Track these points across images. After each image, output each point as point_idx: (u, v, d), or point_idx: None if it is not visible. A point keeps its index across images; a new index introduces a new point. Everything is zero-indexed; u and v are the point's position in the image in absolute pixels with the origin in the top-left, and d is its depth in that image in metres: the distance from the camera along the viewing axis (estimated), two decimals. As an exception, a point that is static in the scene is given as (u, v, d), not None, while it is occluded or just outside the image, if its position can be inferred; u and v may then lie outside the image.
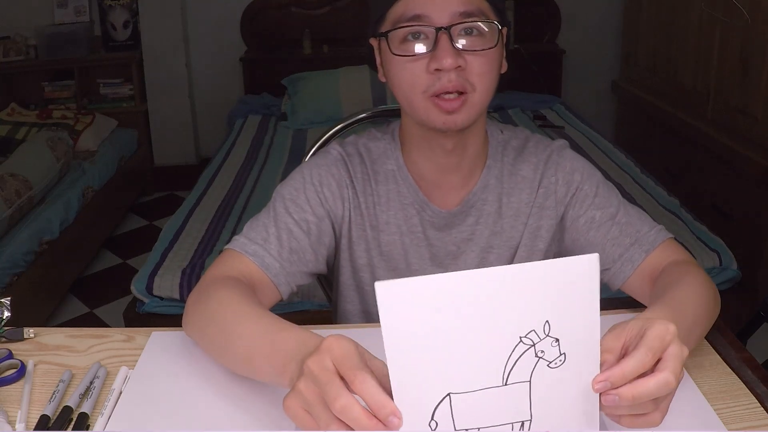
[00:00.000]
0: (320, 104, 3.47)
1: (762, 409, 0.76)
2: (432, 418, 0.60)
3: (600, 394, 0.61)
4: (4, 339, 0.88)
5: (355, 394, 0.58)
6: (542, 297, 0.59)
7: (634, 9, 3.62)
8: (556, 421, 0.62)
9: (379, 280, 1.03)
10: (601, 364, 0.62)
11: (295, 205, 0.99)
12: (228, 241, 1.02)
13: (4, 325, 0.88)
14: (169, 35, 3.77)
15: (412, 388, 0.59)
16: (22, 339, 0.89)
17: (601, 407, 0.62)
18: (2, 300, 0.89)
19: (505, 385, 0.60)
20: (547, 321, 0.59)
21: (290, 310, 1.96)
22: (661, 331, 0.63)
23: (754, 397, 0.77)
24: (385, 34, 0.91)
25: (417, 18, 0.88)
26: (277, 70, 3.77)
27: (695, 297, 0.84)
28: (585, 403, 0.62)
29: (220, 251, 1.01)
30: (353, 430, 0.57)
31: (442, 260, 1.04)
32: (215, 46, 3.92)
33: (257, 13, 3.91)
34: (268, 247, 0.96)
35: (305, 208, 0.99)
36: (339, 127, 1.31)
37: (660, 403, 0.62)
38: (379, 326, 0.56)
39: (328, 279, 1.24)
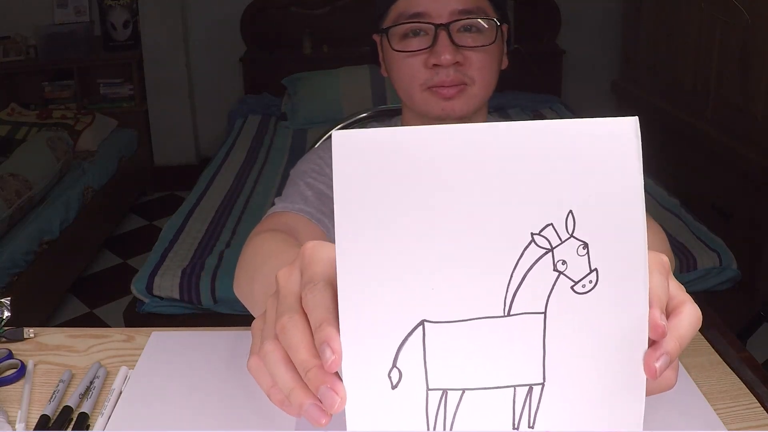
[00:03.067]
0: (320, 104, 3.47)
1: (762, 409, 0.75)
2: (394, 365, 0.40)
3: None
4: (4, 339, 0.88)
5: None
6: (564, 174, 0.40)
7: (634, 9, 3.62)
8: (583, 388, 0.41)
9: None
10: None
11: (321, 175, 0.97)
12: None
13: (4, 325, 0.88)
14: (169, 35, 3.77)
15: (369, 307, 0.40)
16: (22, 339, 0.89)
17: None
18: (2, 300, 0.89)
19: (508, 315, 0.40)
20: (570, 212, 0.40)
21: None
22: (658, 260, 0.47)
23: (754, 397, 0.77)
24: (386, 30, 0.93)
25: (417, 15, 0.90)
26: (277, 70, 3.76)
27: (659, 242, 0.84)
28: (628, 357, 0.41)
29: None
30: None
31: None
32: (215, 46, 3.92)
33: (257, 13, 3.91)
34: (311, 205, 0.92)
35: (332, 178, 0.97)
36: (339, 127, 1.31)
37: None
38: None
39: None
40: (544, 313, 0.41)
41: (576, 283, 0.40)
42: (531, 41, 3.79)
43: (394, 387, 0.40)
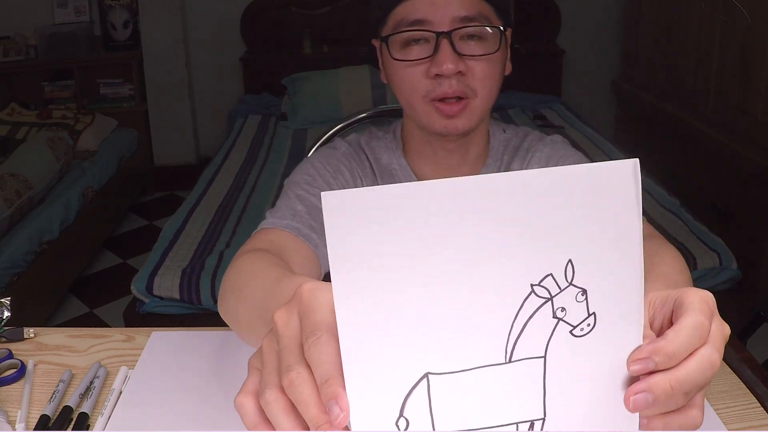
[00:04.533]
0: (320, 104, 3.47)
1: (762, 409, 0.75)
2: (401, 414, 0.41)
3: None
4: (4, 339, 0.88)
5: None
6: (563, 222, 0.40)
7: (634, 9, 3.62)
8: (581, 422, 0.43)
9: None
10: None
11: (314, 187, 0.95)
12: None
13: (4, 325, 0.88)
14: (169, 35, 3.77)
15: (372, 364, 0.40)
16: (22, 339, 0.89)
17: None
18: (2, 300, 0.89)
19: (509, 362, 0.41)
20: (569, 261, 0.40)
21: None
22: (703, 296, 0.47)
23: (754, 397, 0.77)
24: (386, 38, 0.90)
25: (418, 23, 0.87)
26: (277, 70, 3.77)
27: (682, 272, 0.81)
28: (623, 392, 0.43)
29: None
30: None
31: None
32: (215, 46, 3.92)
33: (257, 13, 3.91)
34: (300, 221, 0.90)
35: (325, 189, 0.94)
36: (339, 127, 1.31)
37: (693, 395, 0.45)
38: None
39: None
40: (544, 356, 0.42)
41: (575, 327, 0.42)
42: (531, 41, 3.79)
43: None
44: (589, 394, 0.43)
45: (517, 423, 0.43)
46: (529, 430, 0.43)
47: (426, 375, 0.41)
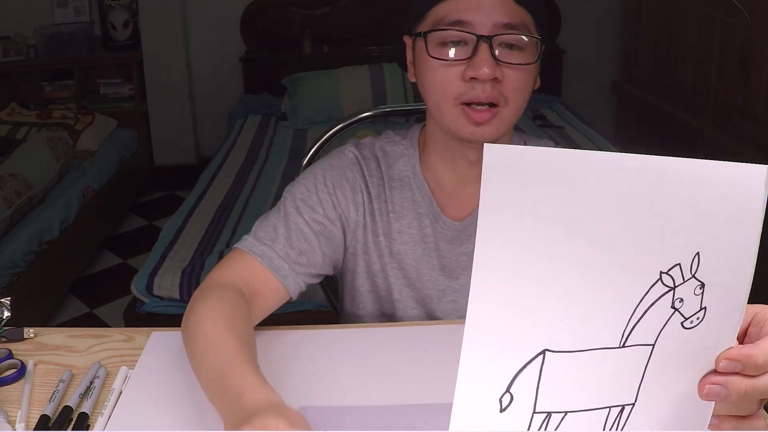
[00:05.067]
0: (320, 104, 3.47)
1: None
2: (507, 390, 0.42)
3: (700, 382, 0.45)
4: (4, 339, 0.88)
5: None
6: (695, 214, 0.41)
7: (634, 9, 3.62)
8: (663, 412, 0.45)
9: (393, 286, 1.01)
10: None
11: (306, 205, 0.97)
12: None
13: (4, 325, 0.88)
14: (169, 35, 3.77)
15: (494, 331, 0.41)
16: (22, 339, 0.89)
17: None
18: (2, 300, 0.89)
19: (623, 347, 0.42)
20: (697, 254, 0.41)
21: (291, 309, 1.96)
22: None
23: (754, 397, 0.77)
24: (425, 35, 0.89)
25: (459, 23, 0.86)
26: (277, 70, 3.76)
27: None
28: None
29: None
30: None
31: (453, 271, 1.01)
32: (215, 46, 3.92)
33: (257, 13, 3.91)
34: (276, 248, 0.93)
35: (317, 209, 0.97)
36: (339, 126, 1.31)
37: (761, 404, 0.51)
38: (393, 327, 0.49)
39: (329, 281, 1.24)
40: (653, 344, 0.43)
41: (686, 319, 0.43)
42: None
43: (502, 410, 0.42)
44: (677, 385, 0.44)
45: (609, 407, 0.44)
46: (618, 414, 0.44)
47: (544, 351, 0.42)
